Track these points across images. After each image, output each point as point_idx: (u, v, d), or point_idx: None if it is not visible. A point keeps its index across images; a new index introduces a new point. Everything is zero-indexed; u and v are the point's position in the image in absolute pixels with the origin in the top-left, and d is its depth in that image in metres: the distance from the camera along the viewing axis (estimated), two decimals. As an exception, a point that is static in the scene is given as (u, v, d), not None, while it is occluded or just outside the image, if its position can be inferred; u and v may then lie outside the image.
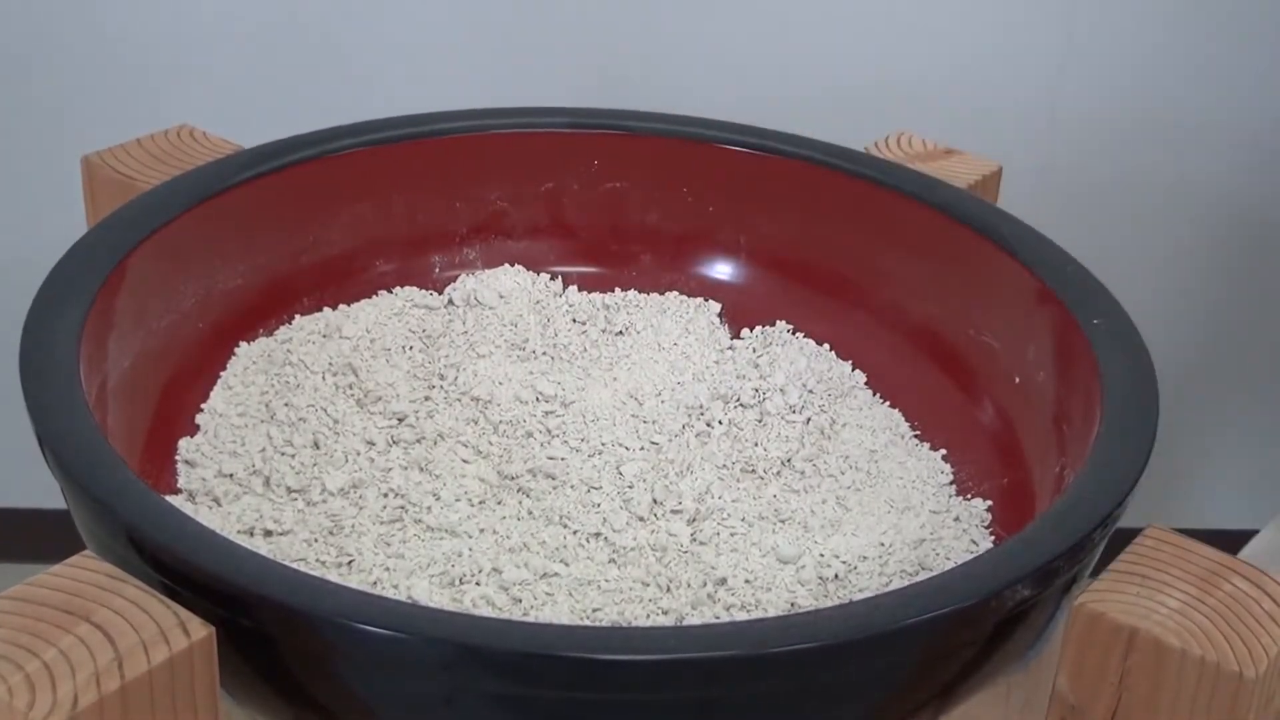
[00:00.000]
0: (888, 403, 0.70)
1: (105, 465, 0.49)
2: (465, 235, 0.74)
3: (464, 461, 0.62)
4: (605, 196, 0.75)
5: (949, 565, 0.58)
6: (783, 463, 0.64)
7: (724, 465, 0.63)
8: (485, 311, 0.71)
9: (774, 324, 0.73)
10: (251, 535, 0.57)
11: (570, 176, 0.75)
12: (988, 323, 0.67)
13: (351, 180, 0.71)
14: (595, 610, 0.54)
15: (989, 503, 0.63)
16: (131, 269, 0.60)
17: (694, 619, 0.55)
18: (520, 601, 0.54)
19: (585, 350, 0.71)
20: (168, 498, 0.56)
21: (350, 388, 0.65)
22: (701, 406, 0.67)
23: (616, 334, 0.72)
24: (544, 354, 0.70)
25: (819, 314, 0.72)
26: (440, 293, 0.73)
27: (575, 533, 0.58)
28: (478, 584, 0.55)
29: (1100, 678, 0.48)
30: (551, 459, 0.62)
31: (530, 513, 0.59)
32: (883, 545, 0.59)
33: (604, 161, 0.74)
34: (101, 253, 0.60)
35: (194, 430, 0.63)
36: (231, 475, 0.60)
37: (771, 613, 0.55)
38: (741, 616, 0.55)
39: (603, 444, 0.64)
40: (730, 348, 0.72)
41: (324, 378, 0.66)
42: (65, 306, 0.56)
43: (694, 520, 0.60)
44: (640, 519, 0.59)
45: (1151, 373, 0.58)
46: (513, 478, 0.61)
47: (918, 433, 0.68)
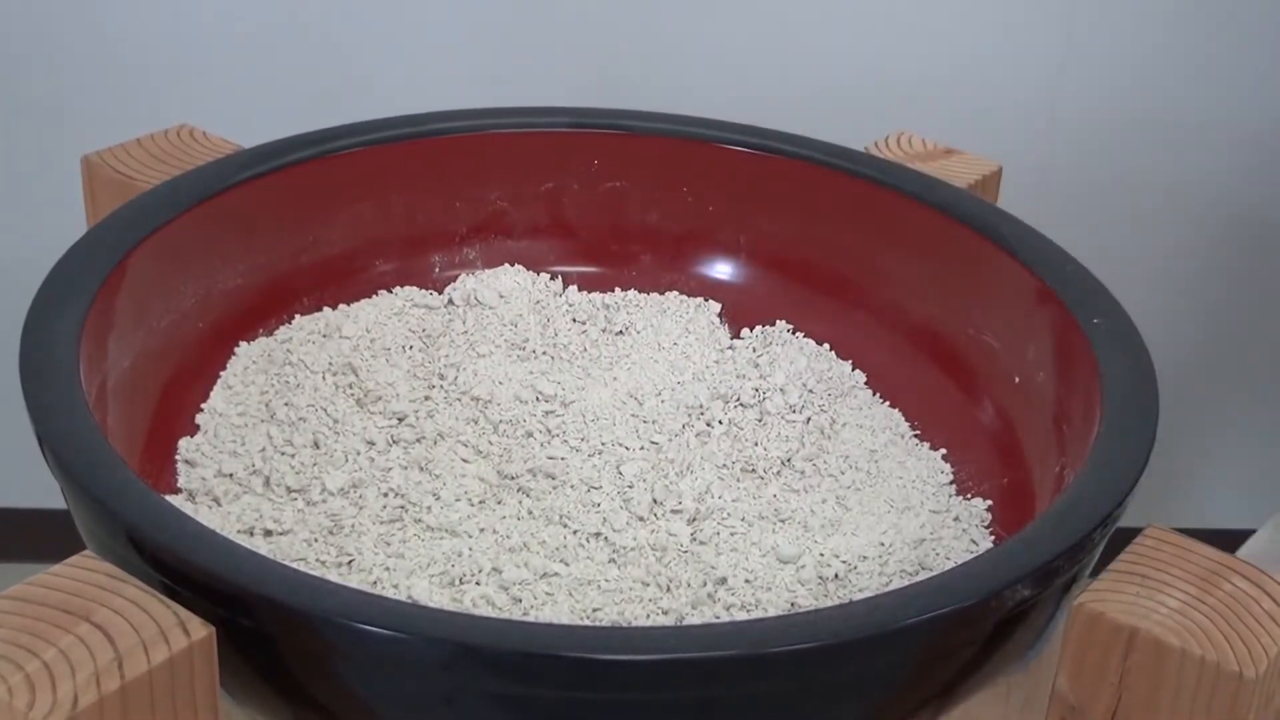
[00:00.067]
0: (888, 403, 0.69)
1: (105, 465, 0.48)
2: (465, 235, 0.74)
3: (464, 461, 0.62)
4: (605, 196, 0.75)
5: (949, 565, 0.58)
6: (783, 462, 0.64)
7: (724, 465, 0.63)
8: (485, 311, 0.71)
9: (774, 324, 0.73)
10: (251, 535, 0.57)
11: (570, 176, 0.75)
12: (988, 322, 0.67)
13: (351, 180, 0.71)
14: (595, 610, 0.54)
15: (989, 503, 0.63)
16: (131, 269, 0.60)
17: (694, 619, 0.55)
18: (520, 601, 0.54)
19: (585, 350, 0.71)
20: (168, 498, 0.56)
21: (350, 387, 0.65)
22: (701, 406, 0.66)
23: (616, 334, 0.72)
24: (544, 354, 0.70)
25: (819, 314, 0.72)
26: (440, 292, 0.73)
27: (575, 532, 0.58)
28: (478, 584, 0.55)
29: (1100, 677, 0.48)
30: (551, 459, 0.62)
31: (530, 512, 0.59)
32: (883, 545, 0.59)
33: (604, 161, 0.74)
34: (101, 253, 0.60)
35: (194, 430, 0.63)
36: (231, 475, 0.60)
37: (771, 612, 0.55)
38: (741, 616, 0.55)
39: (603, 444, 0.64)
40: (730, 347, 0.72)
41: (324, 377, 0.66)
42: (65, 306, 0.56)
43: (694, 520, 0.60)
44: (640, 519, 0.59)
45: (1151, 373, 0.58)
46: (513, 477, 0.61)
47: (918, 433, 0.68)
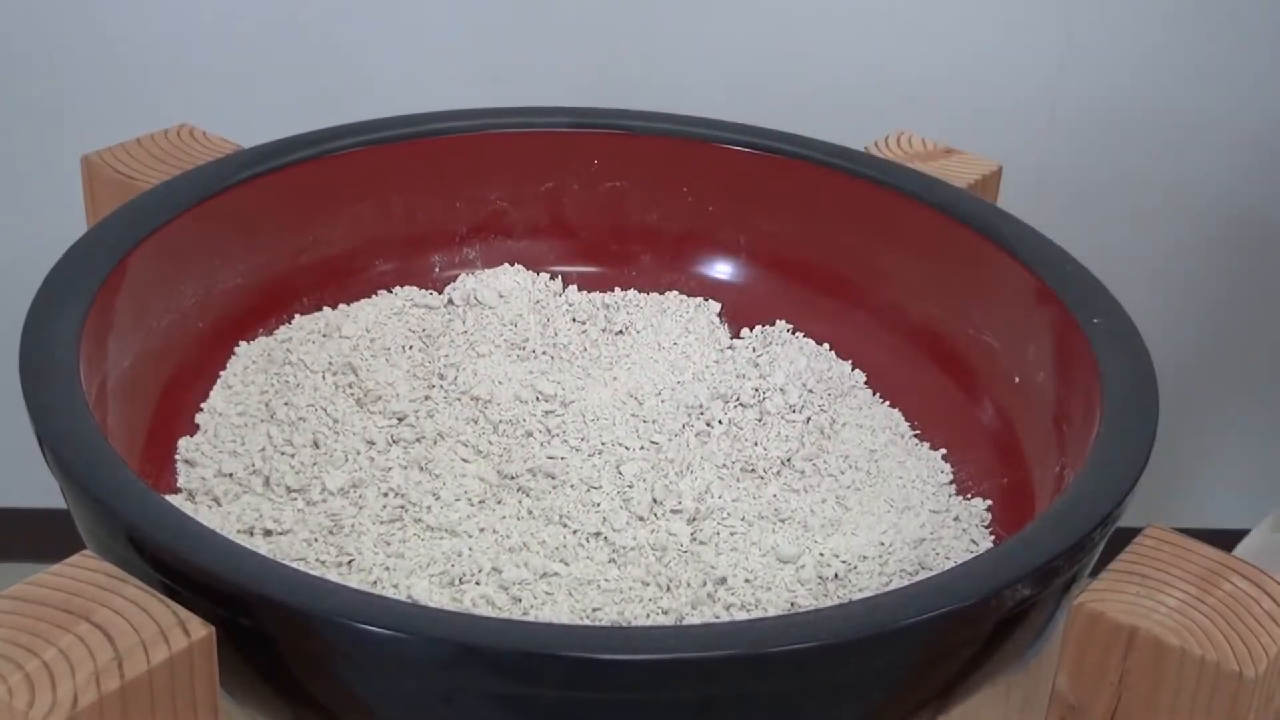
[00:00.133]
0: (887, 402, 0.69)
1: (105, 465, 0.49)
2: (465, 235, 0.74)
3: (464, 461, 0.62)
4: (605, 196, 0.75)
5: (949, 565, 0.58)
6: (783, 462, 0.64)
7: (724, 465, 0.63)
8: (485, 311, 0.71)
9: (774, 324, 0.73)
10: (251, 535, 0.57)
11: (570, 176, 0.75)
12: (988, 322, 0.67)
13: (351, 180, 0.71)
14: (595, 610, 0.54)
15: (989, 502, 0.63)
16: (131, 269, 0.60)
17: (694, 619, 0.55)
18: (520, 601, 0.54)
19: (585, 350, 0.71)
20: (168, 497, 0.56)
21: (350, 387, 0.65)
22: (701, 406, 0.66)
23: (616, 333, 0.72)
24: (544, 353, 0.70)
25: (819, 314, 0.72)
26: (440, 292, 0.73)
27: (575, 532, 0.58)
28: (478, 583, 0.55)
29: (1100, 677, 0.48)
30: (551, 458, 0.62)
31: (530, 512, 0.59)
32: (883, 545, 0.59)
33: (604, 161, 0.74)
34: (101, 253, 0.60)
35: (194, 430, 0.63)
36: (231, 475, 0.60)
37: (771, 612, 0.55)
38: (741, 616, 0.55)
39: (603, 443, 0.64)
40: (730, 347, 0.72)
41: (324, 377, 0.66)
42: (65, 306, 0.56)
43: (694, 520, 0.60)
44: (640, 518, 0.59)
45: (1151, 373, 0.58)
46: (513, 477, 0.61)
47: (918, 432, 0.68)
